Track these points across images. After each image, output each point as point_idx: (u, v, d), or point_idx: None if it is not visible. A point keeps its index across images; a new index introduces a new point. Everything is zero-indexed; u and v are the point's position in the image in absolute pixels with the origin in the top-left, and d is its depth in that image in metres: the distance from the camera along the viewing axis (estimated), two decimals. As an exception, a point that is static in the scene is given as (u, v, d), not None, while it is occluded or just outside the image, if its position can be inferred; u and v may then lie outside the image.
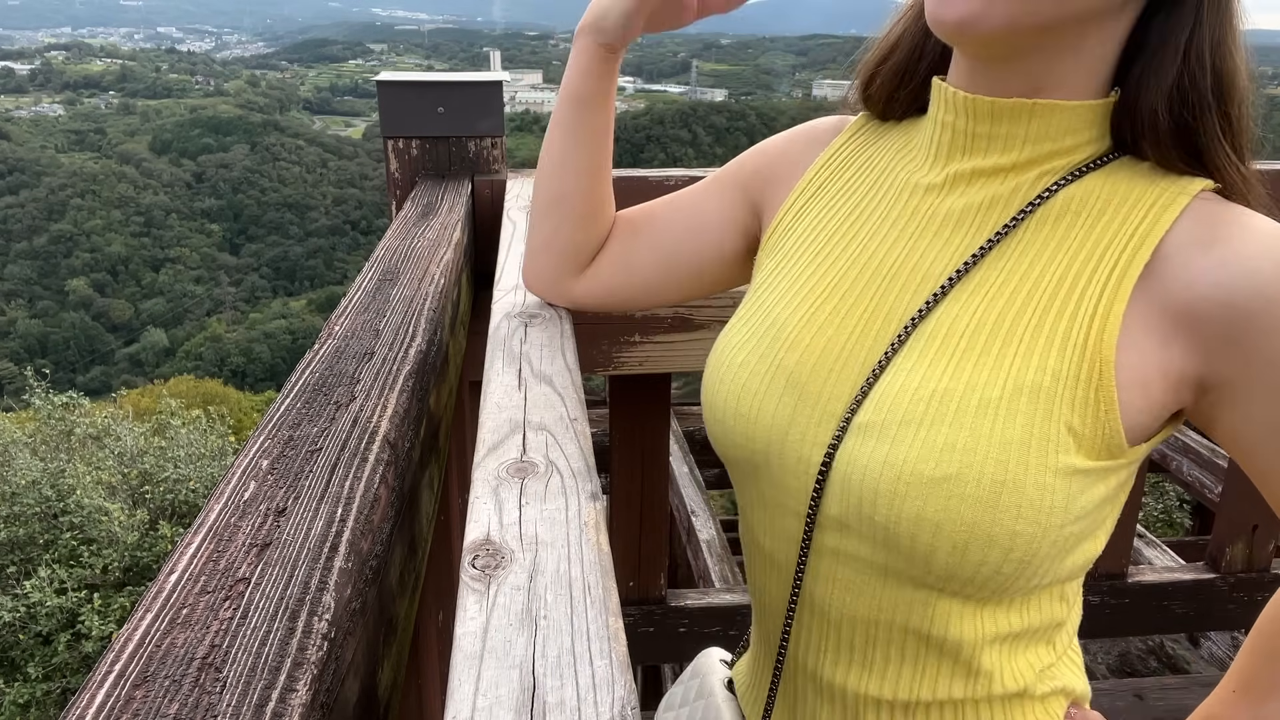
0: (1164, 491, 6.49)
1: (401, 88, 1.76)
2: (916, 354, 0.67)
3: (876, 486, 0.64)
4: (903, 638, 0.70)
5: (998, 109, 0.67)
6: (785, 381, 0.71)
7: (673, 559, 3.06)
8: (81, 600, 6.62)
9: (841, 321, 0.71)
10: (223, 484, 0.61)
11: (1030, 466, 0.61)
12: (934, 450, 0.62)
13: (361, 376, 0.80)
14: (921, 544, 0.63)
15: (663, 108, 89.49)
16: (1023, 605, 0.69)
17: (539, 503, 0.61)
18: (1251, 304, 0.60)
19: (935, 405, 0.64)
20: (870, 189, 0.77)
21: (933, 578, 0.65)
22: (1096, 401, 0.62)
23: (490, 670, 0.45)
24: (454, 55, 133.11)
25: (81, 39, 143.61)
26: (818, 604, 0.73)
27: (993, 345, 0.65)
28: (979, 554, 0.62)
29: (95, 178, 72.35)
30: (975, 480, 0.61)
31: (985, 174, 0.69)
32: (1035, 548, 0.62)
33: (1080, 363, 0.62)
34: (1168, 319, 0.63)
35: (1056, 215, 0.67)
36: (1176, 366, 0.63)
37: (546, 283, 0.97)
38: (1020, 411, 0.62)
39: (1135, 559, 2.18)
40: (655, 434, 1.80)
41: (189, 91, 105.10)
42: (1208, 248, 0.62)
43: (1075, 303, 0.64)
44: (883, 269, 0.72)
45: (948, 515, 0.62)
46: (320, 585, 0.50)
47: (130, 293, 65.96)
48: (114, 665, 0.44)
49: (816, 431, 0.69)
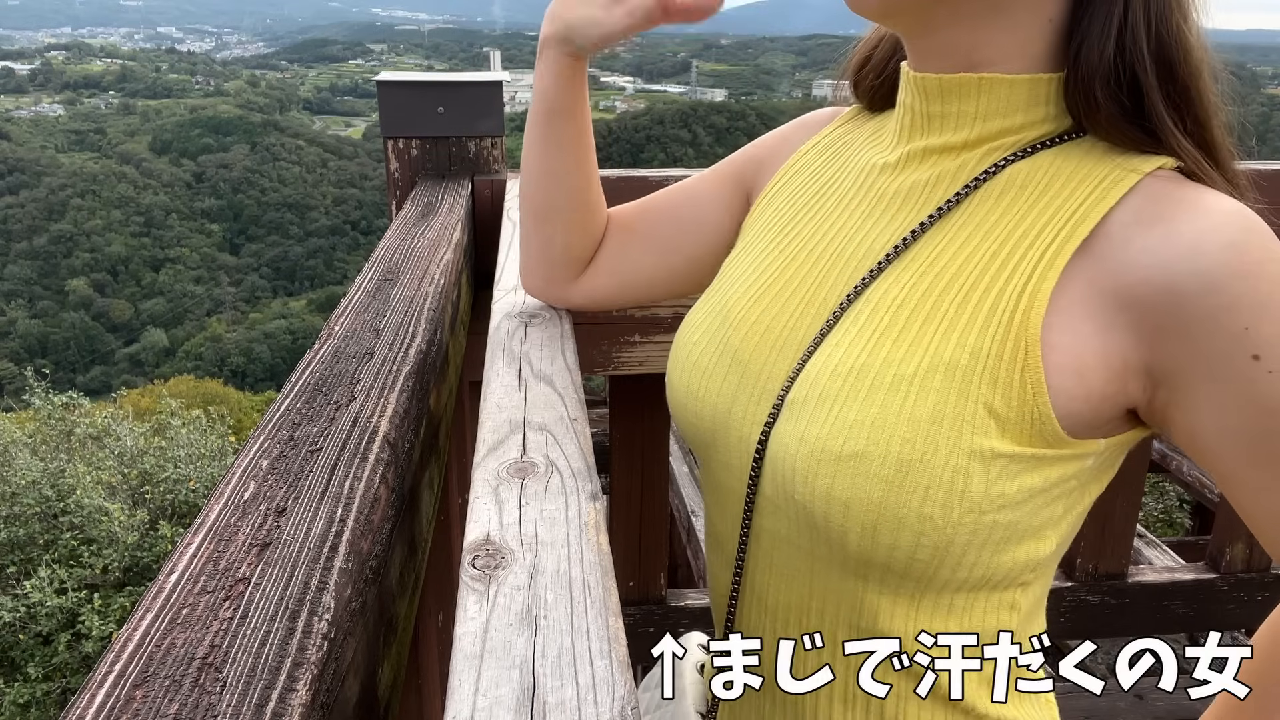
0: (1164, 491, 6.49)
1: (401, 88, 1.76)
2: (844, 330, 0.66)
3: (794, 464, 0.63)
4: (833, 627, 0.68)
5: (945, 85, 0.66)
6: (730, 360, 0.71)
7: (673, 559, 3.06)
8: (81, 600, 6.62)
9: (786, 300, 0.71)
10: (223, 484, 0.61)
11: (940, 446, 0.58)
12: (844, 427, 0.61)
13: (361, 376, 0.80)
14: (834, 524, 0.62)
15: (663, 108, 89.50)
16: (963, 609, 0.66)
17: (539, 503, 0.61)
18: (1191, 285, 0.56)
19: (851, 381, 0.62)
20: (835, 173, 0.77)
21: (852, 562, 0.63)
22: (1022, 383, 0.59)
23: (490, 670, 0.45)
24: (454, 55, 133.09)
25: (81, 39, 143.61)
26: (758, 590, 0.72)
27: (915, 322, 0.63)
28: (889, 536, 0.60)
29: (95, 178, 72.35)
30: (880, 458, 0.59)
31: (936, 152, 0.68)
32: (950, 534, 0.59)
33: (1004, 341, 0.59)
34: (1109, 302, 0.59)
35: (1000, 191, 0.65)
36: (1119, 354, 0.59)
37: (544, 289, 0.97)
38: (933, 389, 0.59)
39: (1135, 559, 2.18)
40: (655, 434, 1.80)
41: (189, 91, 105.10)
42: (1150, 226, 0.58)
43: (1005, 280, 0.61)
44: (830, 248, 0.72)
45: (855, 494, 0.60)
46: (320, 585, 0.50)
47: (130, 293, 65.97)
48: (114, 665, 0.44)
49: (755, 410, 0.68)
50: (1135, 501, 2.00)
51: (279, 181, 77.77)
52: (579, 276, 0.94)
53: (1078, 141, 0.65)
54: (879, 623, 0.66)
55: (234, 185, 76.78)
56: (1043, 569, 0.66)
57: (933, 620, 0.65)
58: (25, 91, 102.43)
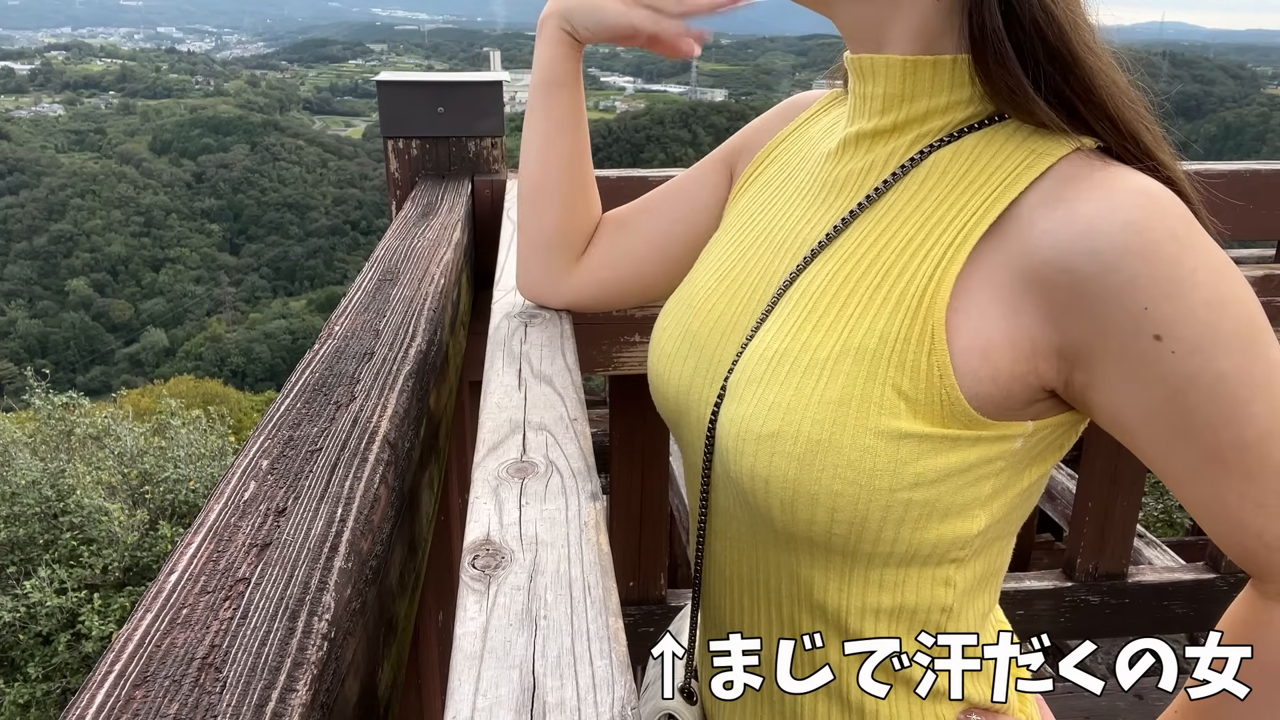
0: (1164, 491, 6.49)
1: (401, 88, 1.76)
2: (776, 317, 0.69)
3: (725, 443, 0.67)
4: (777, 600, 0.71)
5: (874, 66, 0.67)
6: (689, 344, 0.75)
7: (673, 559, 3.06)
8: (81, 600, 6.61)
9: (739, 287, 0.75)
10: (223, 484, 0.61)
11: (848, 426, 0.60)
12: (764, 408, 0.64)
13: (361, 376, 0.80)
14: (759, 499, 0.65)
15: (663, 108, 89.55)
16: (895, 584, 0.66)
17: (539, 503, 0.61)
18: (1089, 266, 0.56)
19: (773, 365, 0.65)
20: (800, 161, 0.81)
21: (781, 536, 0.66)
22: (929, 365, 0.60)
23: (490, 670, 0.45)
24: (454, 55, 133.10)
25: (81, 39, 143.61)
26: (716, 560, 0.76)
27: (833, 308, 0.65)
28: (806, 511, 0.63)
29: (95, 178, 72.35)
30: (793, 438, 0.62)
31: (869, 137, 0.70)
32: (863, 510, 0.61)
33: (911, 325, 0.61)
34: (1015, 283, 0.59)
35: (923, 178, 0.66)
36: (1027, 335, 0.60)
37: (540, 283, 0.97)
38: (843, 372, 0.62)
39: (1135, 559, 2.18)
40: (655, 434, 1.80)
41: (189, 91, 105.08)
42: (1053, 207, 0.58)
43: (916, 265, 0.63)
44: (776, 236, 0.75)
45: (773, 471, 0.63)
46: (320, 585, 0.50)
47: (130, 293, 65.97)
48: (114, 665, 0.44)
49: (708, 391, 0.72)
50: (1135, 501, 2.00)
51: (279, 181, 77.77)
52: (574, 269, 0.95)
53: (1002, 125, 0.64)
54: (814, 594, 0.69)
55: (234, 185, 76.79)
56: (979, 547, 0.67)
57: (865, 593, 0.67)
58: (25, 91, 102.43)
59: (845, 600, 0.68)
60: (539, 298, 0.99)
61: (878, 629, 0.69)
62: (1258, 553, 0.63)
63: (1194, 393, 0.57)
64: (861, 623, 0.69)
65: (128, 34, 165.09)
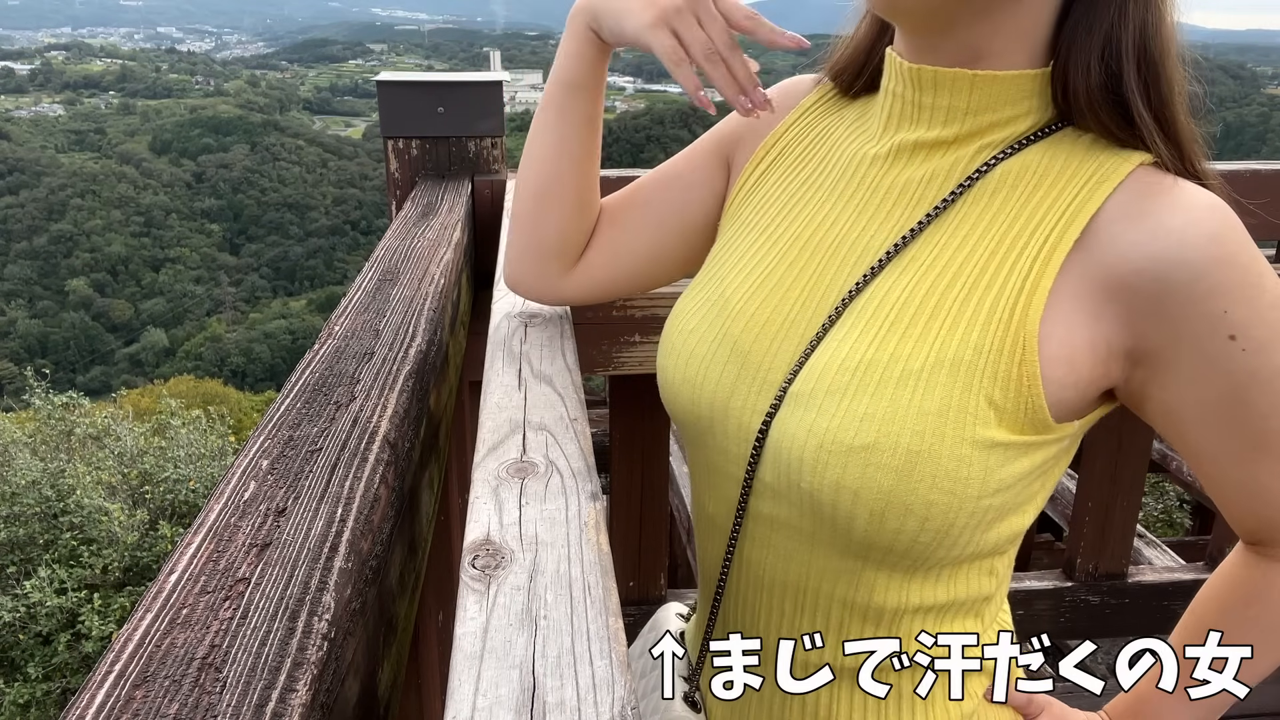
0: (1164, 491, 6.49)
1: (401, 88, 1.76)
2: (848, 326, 0.68)
3: (802, 454, 0.66)
4: (828, 604, 0.71)
5: (940, 79, 0.68)
6: (730, 350, 0.73)
7: (673, 559, 3.06)
8: (81, 600, 6.61)
9: (785, 293, 0.73)
10: (223, 484, 0.61)
11: (946, 437, 0.62)
12: (854, 419, 0.64)
13: (361, 376, 0.80)
14: (842, 511, 0.65)
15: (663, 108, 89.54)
16: (950, 578, 0.70)
17: (539, 503, 0.61)
18: (1179, 274, 0.61)
19: (859, 376, 0.65)
20: (824, 160, 0.78)
21: (855, 545, 0.67)
22: (1019, 376, 0.63)
23: (490, 670, 0.45)
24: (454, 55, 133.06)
25: (81, 39, 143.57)
26: (752, 568, 0.75)
27: (919, 319, 0.66)
28: (896, 522, 0.63)
29: (95, 178, 72.34)
30: (891, 449, 0.62)
31: (927, 146, 0.70)
32: (952, 518, 0.63)
33: (1004, 337, 0.63)
34: (1099, 292, 0.63)
35: (993, 190, 0.68)
36: (1105, 340, 0.64)
37: (534, 284, 0.93)
38: (939, 384, 0.63)
39: (1135, 559, 2.18)
40: (655, 434, 1.80)
41: (189, 91, 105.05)
42: (1138, 220, 0.63)
43: (1004, 278, 0.65)
44: (826, 241, 0.73)
45: (865, 483, 0.63)
46: (320, 585, 0.50)
47: (130, 293, 65.96)
48: (114, 665, 0.44)
49: (756, 399, 0.70)
50: (1135, 501, 2.00)
51: (279, 181, 77.76)
52: (572, 269, 0.91)
53: (1061, 134, 0.68)
54: (874, 596, 0.70)
55: (234, 185, 76.77)
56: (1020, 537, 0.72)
57: (923, 590, 0.70)
58: (25, 91, 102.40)
59: (904, 600, 0.70)
60: (528, 293, 0.95)
61: (926, 624, 0.72)
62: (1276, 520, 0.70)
63: (1254, 386, 0.63)
64: (913, 621, 0.71)
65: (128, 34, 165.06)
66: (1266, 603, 0.75)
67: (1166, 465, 3.27)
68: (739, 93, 0.74)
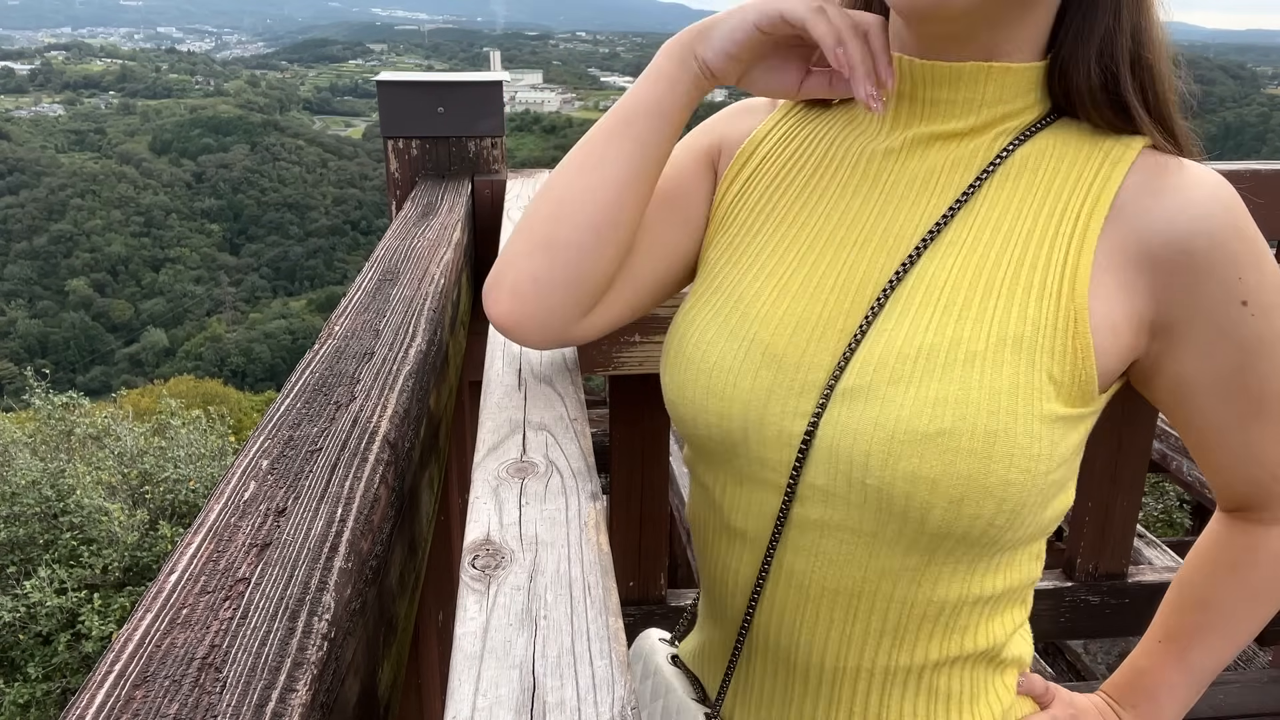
0: (1164, 491, 6.49)
1: (401, 88, 1.76)
2: (897, 314, 0.67)
3: (868, 449, 0.64)
4: (886, 606, 0.70)
5: (955, 74, 0.69)
6: (761, 355, 0.70)
7: (673, 559, 3.06)
8: (81, 600, 6.61)
9: (815, 290, 0.71)
10: (223, 484, 0.61)
11: (1019, 415, 0.62)
12: (926, 406, 0.63)
13: (361, 376, 0.80)
14: (916, 502, 0.64)
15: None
16: (1007, 564, 0.71)
17: (539, 503, 0.61)
18: (1201, 243, 0.64)
19: (924, 362, 0.64)
20: (822, 158, 0.77)
21: (926, 538, 0.66)
22: (1074, 349, 0.64)
23: (490, 670, 0.45)
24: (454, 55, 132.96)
25: (81, 39, 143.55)
26: (796, 579, 0.72)
27: (973, 300, 0.66)
28: (974, 507, 0.63)
29: (95, 178, 72.34)
30: (970, 432, 0.62)
31: (944, 137, 0.71)
32: (1025, 496, 0.64)
33: (1057, 312, 0.65)
34: (1130, 265, 0.66)
35: (1016, 173, 0.69)
36: (1137, 310, 0.66)
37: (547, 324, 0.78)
38: (1006, 362, 0.63)
39: (1135, 559, 2.18)
40: (655, 434, 1.80)
41: (189, 91, 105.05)
42: (1162, 195, 0.66)
43: (1046, 255, 0.66)
44: (851, 235, 0.72)
45: (944, 470, 0.62)
46: (320, 585, 0.50)
47: (130, 293, 65.96)
48: (114, 665, 0.44)
49: (797, 402, 0.68)
50: (1135, 501, 2.00)
51: (279, 181, 77.74)
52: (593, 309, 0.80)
53: (1061, 122, 0.71)
54: (935, 591, 0.69)
55: (234, 185, 76.75)
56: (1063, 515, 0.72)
57: (983, 580, 0.70)
58: (25, 91, 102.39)
59: (965, 592, 0.70)
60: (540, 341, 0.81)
61: (983, 615, 0.72)
62: (1268, 485, 0.74)
63: (1260, 350, 0.67)
64: (971, 613, 0.71)
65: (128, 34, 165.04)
66: (1254, 566, 0.78)
67: (1166, 465, 3.27)
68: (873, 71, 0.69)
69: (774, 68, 0.76)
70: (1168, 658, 0.81)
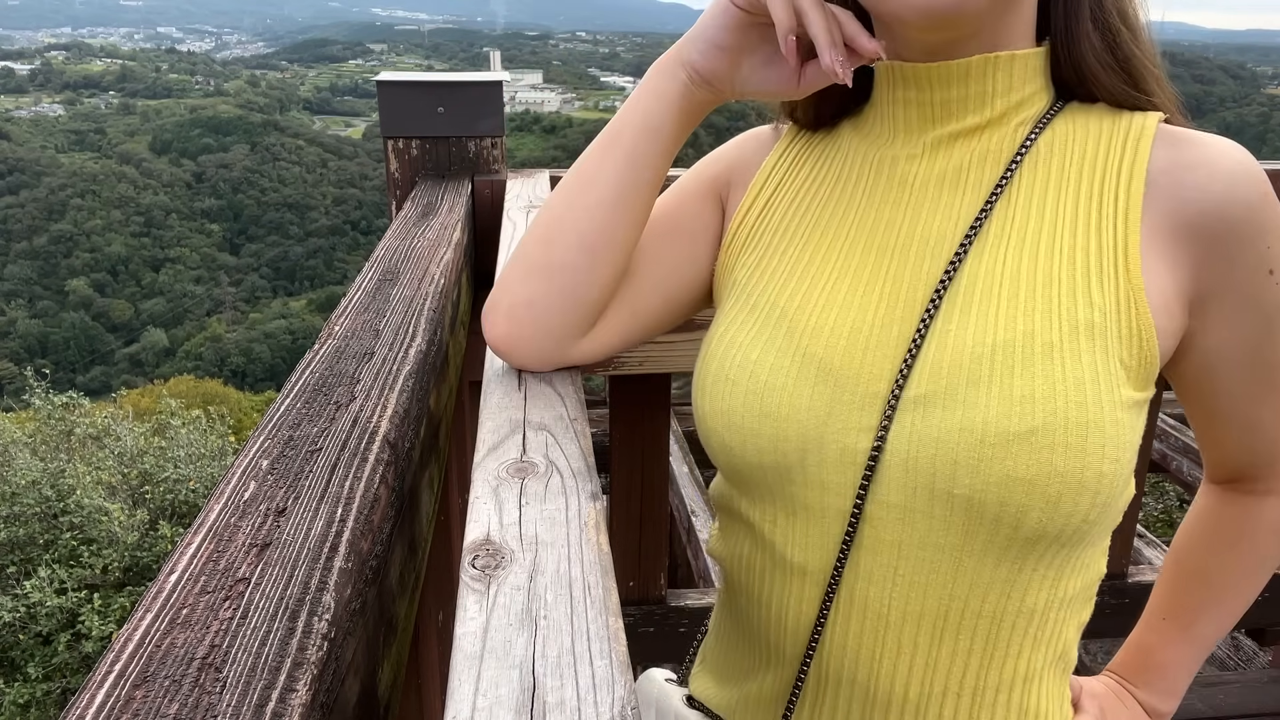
0: (1164, 491, 6.49)
1: (401, 88, 1.76)
2: (959, 314, 0.64)
3: (954, 456, 0.61)
4: (975, 623, 0.66)
5: (963, 70, 0.68)
6: (816, 371, 0.67)
7: (673, 559, 3.06)
8: (81, 600, 6.61)
9: (862, 299, 0.68)
10: (223, 484, 0.61)
11: (1104, 404, 0.61)
12: (1011, 404, 0.60)
13: (361, 376, 0.80)
14: (1012, 506, 0.61)
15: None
16: (1086, 562, 0.69)
17: (539, 503, 0.61)
18: (1237, 212, 0.64)
19: (1000, 359, 0.62)
20: (842, 170, 0.76)
21: (1019, 544, 0.63)
22: (1138, 331, 0.63)
23: (490, 670, 0.45)
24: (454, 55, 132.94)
25: (81, 39, 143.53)
26: (871, 608, 0.67)
27: (1035, 290, 0.64)
28: (1070, 503, 0.61)
29: (95, 178, 72.33)
30: (1063, 427, 0.60)
31: (964, 134, 0.70)
32: (1116, 487, 0.62)
33: (1118, 296, 0.63)
34: (1170, 239, 0.65)
35: (1044, 160, 0.68)
36: (1182, 285, 0.65)
37: (543, 346, 0.79)
38: (1083, 350, 0.62)
39: (1135, 559, 2.18)
40: (655, 434, 1.80)
41: (189, 91, 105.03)
42: (1193, 168, 0.65)
43: (1097, 238, 0.65)
44: (889, 241, 0.70)
45: (1039, 469, 0.59)
46: (320, 585, 0.50)
47: (130, 293, 65.95)
48: (114, 665, 0.44)
49: (860, 416, 0.65)
50: (1135, 501, 2.00)
51: (279, 181, 77.73)
52: (588, 333, 0.80)
53: (1070, 108, 0.70)
54: (1026, 599, 0.66)
55: (234, 185, 76.75)
56: None
57: (1070, 581, 0.68)
58: (25, 91, 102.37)
59: (1054, 596, 0.67)
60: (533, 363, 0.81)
61: (1067, 617, 0.70)
62: (1266, 456, 0.74)
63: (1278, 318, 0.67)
64: (1058, 616, 0.69)
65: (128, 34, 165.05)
66: (1253, 538, 0.78)
67: (1166, 465, 3.27)
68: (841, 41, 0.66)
69: (767, 62, 0.72)
70: (1173, 633, 0.82)
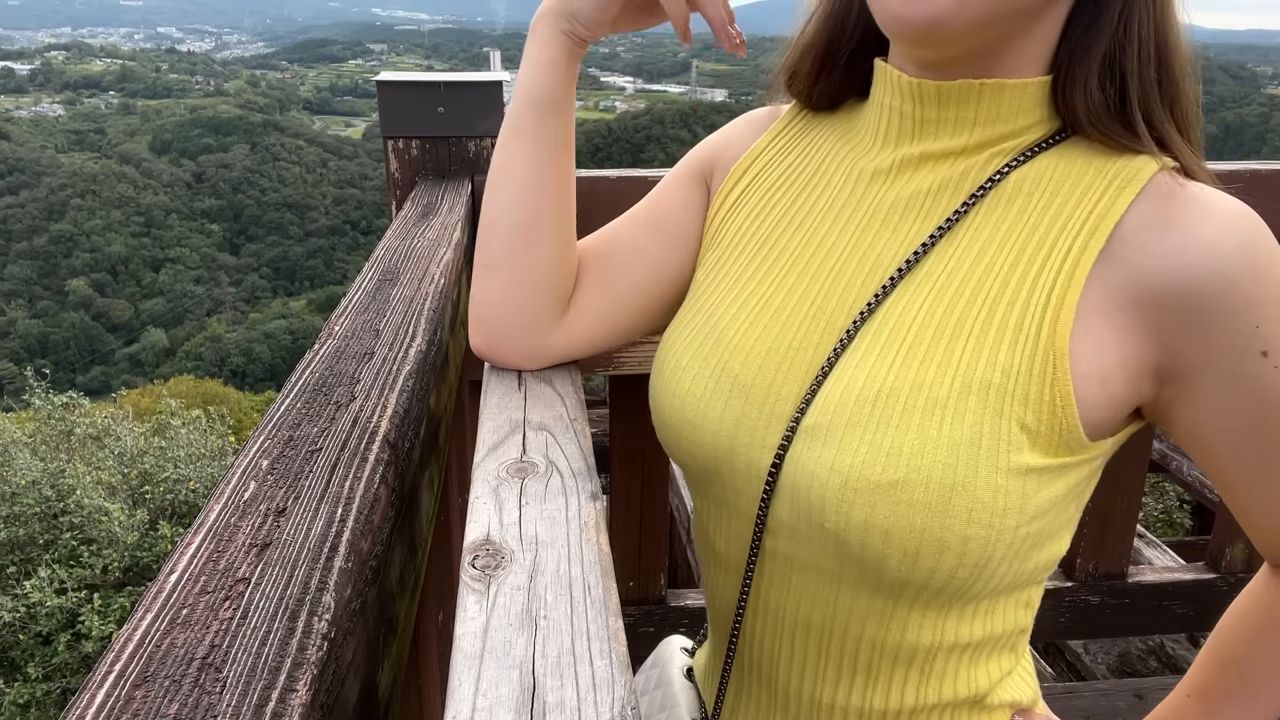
0: (1164, 491, 6.49)
1: (401, 88, 1.76)
2: (863, 351, 0.63)
3: (824, 493, 0.61)
4: (856, 646, 0.67)
5: (945, 92, 0.64)
6: (731, 386, 0.68)
7: (673, 559, 3.06)
8: (81, 600, 6.61)
9: (787, 320, 0.68)
10: (223, 484, 0.61)
11: (980, 468, 0.58)
12: (880, 454, 0.59)
13: (361, 376, 0.80)
14: (872, 551, 0.60)
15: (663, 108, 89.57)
16: (987, 612, 0.66)
17: (539, 503, 0.61)
18: (1211, 286, 0.57)
19: (881, 406, 0.60)
20: (812, 176, 0.74)
21: (887, 585, 0.62)
22: (1051, 397, 0.59)
23: (490, 670, 0.45)
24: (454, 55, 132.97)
25: (81, 39, 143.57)
26: (771, 608, 0.70)
27: (940, 340, 0.61)
28: (931, 560, 0.59)
29: (95, 178, 72.33)
30: (924, 485, 0.58)
31: (934, 158, 0.66)
32: (990, 551, 0.59)
33: (1033, 356, 0.59)
34: (1127, 305, 0.60)
35: (1009, 198, 0.64)
36: (1135, 355, 0.60)
37: (519, 336, 0.81)
38: (970, 410, 0.59)
39: (1135, 559, 2.18)
40: (655, 434, 1.80)
41: (189, 91, 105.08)
42: (1166, 229, 0.59)
43: (1027, 292, 0.60)
44: (828, 262, 0.68)
45: (896, 522, 0.58)
46: (320, 585, 0.50)
47: (130, 293, 65.97)
48: (114, 665, 0.44)
49: (764, 435, 0.66)
50: (1135, 501, 2.00)
51: (279, 181, 77.74)
52: (563, 322, 0.82)
53: (1069, 142, 0.65)
54: (906, 635, 0.65)
55: (234, 185, 76.76)
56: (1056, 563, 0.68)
57: (958, 627, 0.66)
58: (25, 91, 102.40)
59: (938, 638, 0.66)
60: (513, 360, 0.83)
61: (961, 663, 0.68)
62: None
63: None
64: (948, 660, 0.67)
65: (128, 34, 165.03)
66: None
67: (1166, 465, 3.27)
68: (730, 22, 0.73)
69: (643, 9, 0.77)
70: (1195, 713, 0.76)
